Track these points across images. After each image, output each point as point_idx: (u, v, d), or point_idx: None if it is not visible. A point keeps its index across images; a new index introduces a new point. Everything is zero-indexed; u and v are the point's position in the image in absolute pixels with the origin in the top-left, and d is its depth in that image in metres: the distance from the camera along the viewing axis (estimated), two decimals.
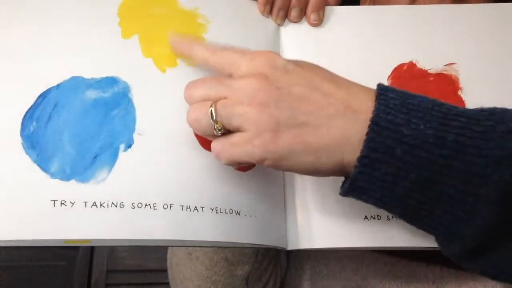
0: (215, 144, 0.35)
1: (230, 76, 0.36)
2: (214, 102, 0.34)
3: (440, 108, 0.32)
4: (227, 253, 0.51)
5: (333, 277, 0.54)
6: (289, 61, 0.35)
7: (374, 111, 0.32)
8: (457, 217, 0.32)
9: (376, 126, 0.32)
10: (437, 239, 0.35)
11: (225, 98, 0.34)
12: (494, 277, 0.34)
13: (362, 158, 0.32)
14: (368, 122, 0.32)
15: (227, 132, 0.35)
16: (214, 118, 0.34)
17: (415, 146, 0.31)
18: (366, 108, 0.33)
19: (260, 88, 0.33)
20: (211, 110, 0.34)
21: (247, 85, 0.34)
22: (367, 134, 0.32)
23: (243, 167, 0.40)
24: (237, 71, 0.36)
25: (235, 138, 0.34)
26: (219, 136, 0.35)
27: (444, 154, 0.31)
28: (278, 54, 0.36)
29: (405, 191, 0.32)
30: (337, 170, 0.34)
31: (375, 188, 0.33)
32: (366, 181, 0.33)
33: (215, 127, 0.34)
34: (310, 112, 0.33)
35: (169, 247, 0.57)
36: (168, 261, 0.57)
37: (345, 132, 0.32)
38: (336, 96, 0.33)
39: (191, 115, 0.36)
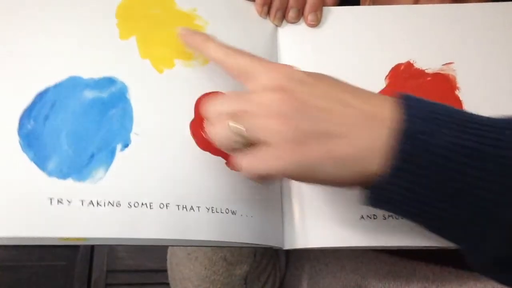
0: (240, 159, 0.34)
1: (244, 82, 0.36)
2: (236, 116, 0.34)
3: (466, 117, 0.32)
4: (225, 253, 0.51)
5: (333, 277, 0.54)
6: (306, 73, 0.35)
7: (399, 120, 0.31)
8: (485, 227, 0.31)
9: (402, 135, 0.31)
10: (463, 250, 0.34)
11: (246, 112, 0.34)
12: None
13: (388, 167, 0.31)
14: (393, 132, 0.31)
15: (248, 146, 0.34)
16: (236, 131, 0.34)
17: (441, 155, 0.30)
18: (390, 117, 0.32)
19: (280, 100, 0.33)
20: (233, 124, 0.34)
21: (267, 98, 0.34)
22: (392, 143, 0.31)
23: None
24: (255, 83, 0.35)
25: (259, 151, 0.33)
26: (240, 150, 0.34)
27: (471, 164, 0.30)
28: (295, 67, 0.36)
29: (431, 200, 0.31)
30: (361, 181, 0.33)
31: (400, 198, 0.32)
32: (392, 191, 0.32)
33: (238, 141, 0.34)
34: (332, 123, 0.32)
35: (169, 248, 0.57)
36: (168, 261, 0.57)
37: (370, 142, 0.32)
38: (357, 106, 0.33)
39: (212, 130, 0.35)
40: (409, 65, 0.46)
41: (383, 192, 0.32)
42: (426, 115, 0.31)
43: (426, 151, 0.31)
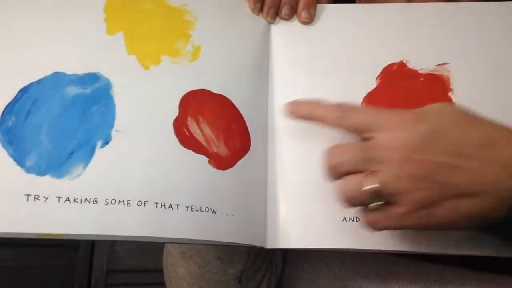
0: (372, 216, 0.35)
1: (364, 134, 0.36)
2: (370, 175, 0.34)
3: None
4: (219, 252, 0.51)
5: (334, 277, 0.53)
6: (431, 126, 0.34)
7: None
8: None
9: None
10: None
11: (375, 171, 0.33)
12: None
13: None
14: None
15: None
16: (372, 192, 0.33)
17: None
18: None
19: (411, 161, 0.33)
20: (374, 188, 0.33)
21: (397, 159, 0.33)
22: None
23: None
24: (377, 137, 0.35)
25: (391, 212, 0.34)
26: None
27: None
28: (417, 118, 0.34)
29: None
30: (481, 226, 0.34)
31: None
32: None
33: (375, 203, 0.34)
34: (463, 182, 0.32)
35: (165, 247, 0.57)
36: (164, 260, 0.58)
37: (501, 193, 0.32)
38: (493, 160, 0.32)
39: (347, 190, 0.35)
40: (402, 65, 0.45)
41: None
42: None
43: None
